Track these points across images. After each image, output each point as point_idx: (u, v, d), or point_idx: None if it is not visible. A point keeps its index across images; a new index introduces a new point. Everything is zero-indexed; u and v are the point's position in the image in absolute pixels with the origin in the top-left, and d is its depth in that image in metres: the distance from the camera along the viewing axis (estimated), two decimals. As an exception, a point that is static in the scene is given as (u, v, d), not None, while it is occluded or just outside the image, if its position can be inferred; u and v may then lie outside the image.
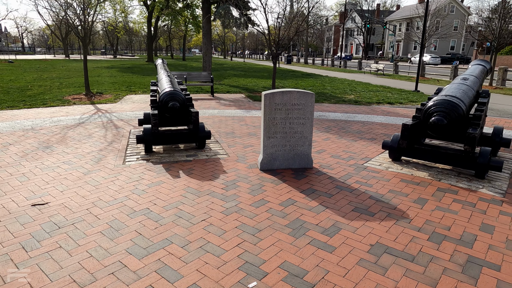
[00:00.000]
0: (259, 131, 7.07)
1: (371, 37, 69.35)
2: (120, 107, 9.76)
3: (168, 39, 61.18)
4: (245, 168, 4.79)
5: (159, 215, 3.38)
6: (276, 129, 4.61)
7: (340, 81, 18.89)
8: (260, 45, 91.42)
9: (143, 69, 26.57)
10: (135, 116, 8.38)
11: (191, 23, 37.17)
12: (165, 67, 7.24)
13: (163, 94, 5.40)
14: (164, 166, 4.82)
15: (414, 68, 29.90)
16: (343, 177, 4.50)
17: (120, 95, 11.95)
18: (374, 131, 7.16)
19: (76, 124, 7.43)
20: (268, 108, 4.51)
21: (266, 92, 4.49)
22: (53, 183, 4.15)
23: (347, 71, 28.90)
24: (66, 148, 5.62)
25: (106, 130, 6.92)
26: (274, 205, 3.65)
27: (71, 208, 3.51)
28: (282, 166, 4.78)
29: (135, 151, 5.50)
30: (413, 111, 9.72)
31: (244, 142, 6.20)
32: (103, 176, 4.40)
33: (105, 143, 6.00)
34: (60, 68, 25.73)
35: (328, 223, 3.28)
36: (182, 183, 4.21)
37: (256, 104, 10.75)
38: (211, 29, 15.96)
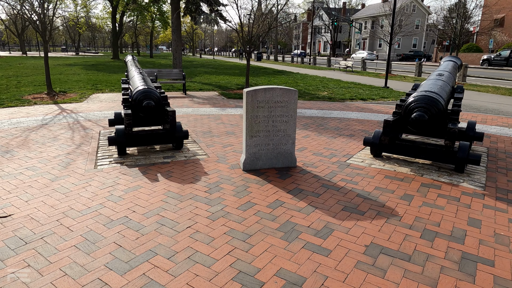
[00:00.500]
0: (237, 129, 6.88)
1: (338, 34, 70.83)
2: (86, 106, 9.19)
3: (134, 35, 59.17)
4: (227, 169, 4.60)
5: (140, 224, 3.12)
6: (259, 128, 4.45)
7: (312, 77, 19.04)
8: (229, 42, 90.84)
9: (109, 67, 25.47)
10: (104, 116, 7.90)
11: (158, 19, 36.10)
12: (136, 63, 6.86)
13: (137, 93, 5.07)
14: (140, 169, 4.52)
15: (381, 65, 30.82)
16: (328, 175, 4.42)
17: (86, 94, 11.29)
18: (352, 128, 7.19)
19: (39, 126, 6.87)
20: (250, 106, 4.34)
21: (248, 89, 4.31)
22: (16, 192, 3.74)
23: (316, 68, 29.26)
24: (29, 153, 5.15)
25: (73, 132, 6.45)
26: (262, 207, 3.50)
27: (39, 220, 3.16)
28: (265, 166, 4.63)
29: (107, 154, 5.13)
30: (386, 107, 9.92)
31: (223, 141, 5.99)
32: (73, 183, 4.04)
33: (73, 145, 5.57)
34: (17, 66, 24.10)
35: (320, 224, 3.17)
36: (162, 187, 3.94)
37: (230, 102, 10.53)
38: (180, 25, 15.50)
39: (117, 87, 13.16)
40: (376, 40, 62.45)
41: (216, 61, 40.90)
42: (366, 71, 27.24)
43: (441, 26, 63.51)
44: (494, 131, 6.99)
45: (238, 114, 8.53)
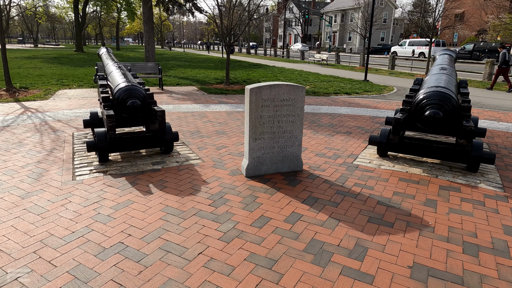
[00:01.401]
0: (226, 128, 6.37)
1: (308, 27, 71.12)
2: (53, 104, 8.28)
3: (98, 26, 56.18)
4: (228, 176, 4.11)
5: (140, 252, 2.58)
6: (264, 129, 3.99)
7: (290, 71, 18.72)
8: (198, 35, 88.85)
9: (73, 60, 23.83)
10: (75, 116, 7.10)
11: (125, 9, 34.28)
12: (112, 56, 6.14)
13: (119, 91, 4.43)
14: (128, 179, 3.93)
15: (354, 58, 31.09)
16: (340, 180, 4.05)
17: (51, 90, 10.26)
18: (346, 124, 6.88)
19: (0, 128, 6.01)
20: (254, 105, 3.86)
21: (252, 87, 3.83)
22: (-23, 215, 3.06)
23: (291, 61, 29.03)
24: (-10, 162, 4.38)
25: (42, 135, 5.66)
26: (279, 222, 3.06)
27: (10, 253, 2.54)
28: (270, 171, 4.18)
29: (86, 161, 4.47)
30: (372, 101, 9.75)
31: (215, 142, 5.47)
32: (49, 199, 3.40)
33: (43, 152, 4.84)
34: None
35: (350, 242, 2.78)
36: (158, 202, 3.40)
37: (212, 97, 9.95)
38: (153, 15, 14.57)
39: (86, 82, 12.14)
40: (346, 33, 63.35)
41: (188, 54, 39.64)
42: (340, 64, 27.36)
43: (406, 20, 65.54)
44: (485, 125, 6.94)
45: (224, 111, 7.99)
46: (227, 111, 7.94)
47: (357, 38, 60.35)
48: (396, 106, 9.02)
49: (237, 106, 8.56)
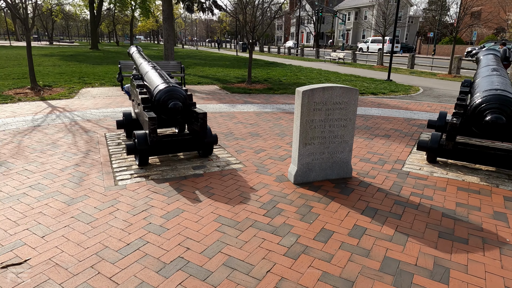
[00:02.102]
0: (259, 130, 6.17)
1: (321, 26, 70.44)
2: (79, 103, 8.19)
3: (112, 24, 56.51)
4: (274, 182, 3.91)
5: (204, 269, 2.40)
6: (314, 134, 3.77)
7: (309, 70, 18.43)
8: (209, 33, 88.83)
9: (89, 57, 23.93)
10: (103, 115, 6.98)
11: (139, 7, 34.31)
12: (144, 56, 5.98)
13: (160, 92, 4.26)
14: (172, 185, 3.76)
15: (371, 57, 30.54)
16: (394, 188, 3.82)
17: (74, 89, 10.20)
18: (382, 127, 6.62)
19: (31, 128, 5.91)
20: (306, 109, 3.64)
21: (304, 89, 3.61)
22: (25, 223, 2.92)
23: (306, 60, 28.69)
24: (28, 164, 4.26)
25: (74, 136, 5.55)
26: (343, 236, 2.84)
27: (68, 267, 2.38)
28: (319, 178, 3.97)
29: (124, 165, 4.32)
30: (402, 102, 9.43)
31: (252, 145, 5.28)
32: (96, 207, 3.24)
33: (79, 153, 4.71)
34: (-12, 56, 22.18)
35: (427, 261, 2.55)
36: (209, 211, 3.22)
37: (236, 97, 9.76)
38: (173, 13, 14.44)
39: (107, 81, 12.08)
40: (360, 31, 62.54)
41: (201, 52, 39.56)
42: (357, 62, 26.93)
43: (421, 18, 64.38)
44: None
45: (252, 111, 7.79)
46: (255, 112, 7.74)
47: (372, 36, 59.51)
48: (428, 108, 8.71)
49: (264, 107, 8.35)
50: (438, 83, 14.24)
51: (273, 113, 7.69)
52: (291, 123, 6.73)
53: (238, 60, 25.43)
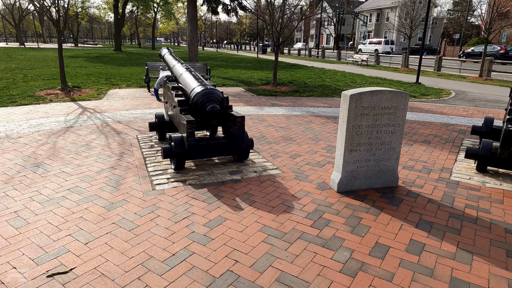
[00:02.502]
0: (292, 134, 5.99)
1: (341, 27, 69.59)
2: (108, 104, 8.24)
3: (134, 26, 57.63)
4: (316, 190, 3.72)
5: (256, 285, 2.25)
6: (361, 140, 3.57)
7: (332, 72, 18.11)
8: (229, 35, 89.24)
9: (113, 59, 24.35)
10: (133, 117, 6.97)
11: (162, 9, 34.78)
12: (176, 57, 5.91)
13: (197, 95, 4.15)
14: (211, 191, 3.63)
15: (395, 58, 29.90)
16: (445, 200, 3.57)
17: (102, 90, 10.31)
18: (419, 132, 6.32)
19: (64, 129, 5.94)
20: (353, 113, 3.45)
21: (352, 93, 3.42)
22: (67, 228, 2.85)
23: (327, 62, 28.31)
24: (65, 166, 4.23)
25: (107, 137, 5.53)
26: (400, 252, 2.63)
27: (114, 278, 2.28)
28: (363, 186, 3.76)
29: (160, 168, 4.23)
30: (436, 106, 9.05)
31: (286, 150, 5.11)
32: (136, 212, 3.15)
33: (113, 156, 4.66)
34: (18, 58, 22.91)
35: (501, 285, 2.31)
36: (252, 220, 3.07)
37: (263, 99, 9.61)
38: (197, 15, 14.46)
39: (134, 82, 12.18)
40: (382, 32, 61.42)
41: (222, 53, 39.72)
42: (380, 65, 26.37)
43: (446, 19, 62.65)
44: None
45: (281, 114, 7.63)
46: (285, 115, 7.57)
47: (394, 38, 58.35)
48: (465, 113, 8.31)
49: (292, 109, 8.17)
50: (469, 86, 13.69)
51: (303, 116, 7.50)
52: (323, 127, 6.53)
53: (259, 62, 25.34)
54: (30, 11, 53.70)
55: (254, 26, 77.90)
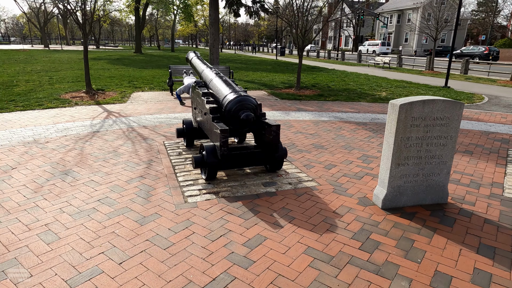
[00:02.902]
0: (322, 141, 5.73)
1: (360, 29, 68.55)
2: (132, 108, 8.18)
3: (154, 29, 58.41)
4: (358, 206, 3.46)
5: (310, 320, 2.02)
6: (409, 153, 3.29)
7: (355, 75, 17.70)
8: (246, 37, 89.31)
9: (134, 61, 24.61)
10: (158, 122, 6.86)
11: (182, 11, 35.02)
12: (204, 62, 5.75)
13: (231, 102, 3.96)
14: (246, 204, 3.42)
15: (419, 61, 29.09)
16: (504, 220, 3.24)
17: (126, 93, 10.30)
18: (459, 141, 5.94)
19: (90, 134, 5.87)
20: (402, 124, 3.17)
21: (401, 102, 3.15)
22: (99, 245, 2.70)
23: (347, 64, 27.82)
24: (93, 174, 4.12)
25: (133, 143, 5.41)
26: (466, 284, 2.35)
27: (153, 307, 2.09)
28: (410, 203, 3.47)
29: (190, 178, 4.06)
30: (470, 112, 8.59)
31: (319, 159, 4.86)
32: (170, 228, 2.97)
33: (141, 163, 4.52)
34: (43, 60, 23.46)
35: None
36: (294, 239, 2.84)
37: (287, 103, 9.37)
38: (219, 18, 14.37)
39: (156, 85, 12.16)
40: (402, 34, 60.16)
41: (240, 56, 39.68)
42: (402, 67, 25.70)
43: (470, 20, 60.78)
44: None
45: (308, 119, 7.37)
46: (312, 120, 7.31)
47: (415, 40, 57.04)
48: (503, 120, 7.84)
49: (319, 115, 7.90)
50: (502, 90, 13.05)
51: (331, 122, 7.22)
52: (355, 134, 6.24)
53: (278, 65, 25.11)
54: (55, 14, 55.23)
55: (272, 28, 77.89)
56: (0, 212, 3.16)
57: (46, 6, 51.53)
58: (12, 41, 72.19)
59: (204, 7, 53.61)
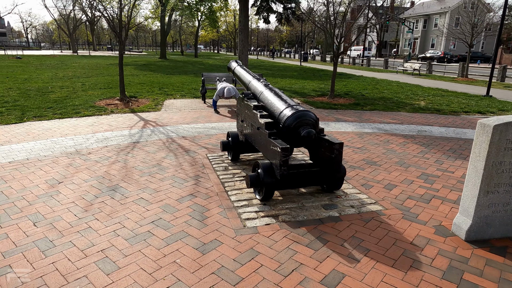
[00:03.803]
0: (374, 157, 5.37)
1: (384, 34, 67.30)
2: (168, 117, 8.05)
3: (177, 34, 59.28)
4: (437, 236, 3.10)
5: None
6: (500, 180, 2.91)
7: (386, 82, 17.15)
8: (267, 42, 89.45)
9: (160, 67, 24.85)
10: (197, 132, 6.68)
11: (207, 17, 35.26)
12: (250, 71, 5.51)
13: (290, 117, 3.68)
14: (311, 232, 3.12)
15: (450, 67, 28.04)
16: None
17: (159, 100, 10.23)
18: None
19: (131, 145, 5.73)
20: (495, 148, 2.81)
21: (495, 122, 2.78)
22: (163, 278, 2.45)
23: (374, 70, 27.18)
24: (141, 191, 3.92)
25: (176, 156, 5.22)
26: None
27: None
28: (497, 235, 3.08)
29: (243, 198, 3.80)
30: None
31: (376, 177, 4.50)
32: (235, 259, 2.70)
33: (188, 179, 4.30)
34: (73, 65, 24.02)
35: None
36: (377, 278, 2.51)
37: (323, 113, 9.03)
38: (248, 24, 14.22)
39: (187, 92, 12.07)
40: (428, 40, 58.64)
41: (264, 61, 39.58)
42: (433, 74, 24.83)
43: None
44: None
45: (350, 131, 7.01)
46: (355, 132, 6.94)
47: (442, 45, 55.42)
48: None
49: (361, 126, 7.52)
50: (550, 100, 12.24)
51: (376, 134, 6.84)
52: (405, 149, 5.84)
53: (304, 71, 24.77)
54: (83, 21, 57.00)
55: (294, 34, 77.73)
56: (54, 234, 2.98)
57: (75, 13, 53.25)
58: (42, 47, 75.01)
59: (227, 13, 54.05)
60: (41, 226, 3.11)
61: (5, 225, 3.13)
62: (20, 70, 19.34)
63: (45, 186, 3.99)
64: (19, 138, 5.93)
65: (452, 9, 53.69)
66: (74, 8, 50.01)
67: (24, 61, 27.17)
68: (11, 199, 3.64)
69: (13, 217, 3.27)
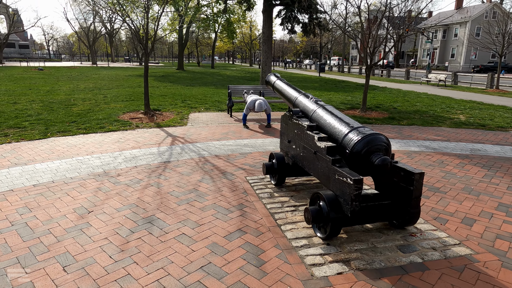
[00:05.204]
0: (434, 182, 4.75)
1: (401, 44, 66.27)
2: (196, 132, 7.60)
3: (194, 45, 59.81)
4: (557, 295, 2.47)
5: None
6: None
7: (414, 94, 16.43)
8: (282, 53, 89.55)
9: (179, 78, 24.74)
10: (229, 150, 6.18)
11: (225, 29, 35.27)
12: (292, 86, 5.01)
13: (358, 143, 3.13)
14: (395, 284, 2.54)
15: (477, 78, 26.99)
16: None
17: (183, 114, 9.84)
18: None
19: (162, 165, 5.26)
20: None
21: None
22: None
23: (396, 81, 26.43)
24: (182, 224, 3.41)
25: (213, 179, 4.72)
26: None
27: None
28: None
29: (301, 235, 3.24)
30: None
31: (447, 209, 3.89)
32: (314, 326, 2.14)
33: (232, 208, 3.78)
34: (93, 77, 24.13)
35: None
36: None
37: (360, 128, 8.42)
38: (272, 35, 13.82)
39: (211, 105, 11.67)
40: (448, 50, 57.41)
41: (280, 72, 39.26)
42: (459, 85, 23.92)
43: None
44: None
45: (396, 149, 6.39)
46: (401, 151, 6.32)
47: (462, 55, 54.12)
48: None
49: (405, 143, 6.90)
50: None
51: (425, 153, 6.20)
52: (466, 172, 5.19)
53: (325, 82, 24.23)
54: (102, 33, 58.19)
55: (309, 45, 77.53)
56: (88, 285, 2.49)
57: (95, 25, 54.40)
58: (63, 58, 76.92)
59: (243, 24, 54.22)
60: (72, 272, 2.63)
61: (31, 269, 2.66)
62: (42, 81, 19.43)
63: (74, 216, 3.54)
64: (44, 157, 5.56)
65: (473, 18, 52.54)
66: (94, 21, 51.12)
67: (45, 73, 27.53)
68: (36, 234, 3.18)
69: (39, 258, 2.81)
